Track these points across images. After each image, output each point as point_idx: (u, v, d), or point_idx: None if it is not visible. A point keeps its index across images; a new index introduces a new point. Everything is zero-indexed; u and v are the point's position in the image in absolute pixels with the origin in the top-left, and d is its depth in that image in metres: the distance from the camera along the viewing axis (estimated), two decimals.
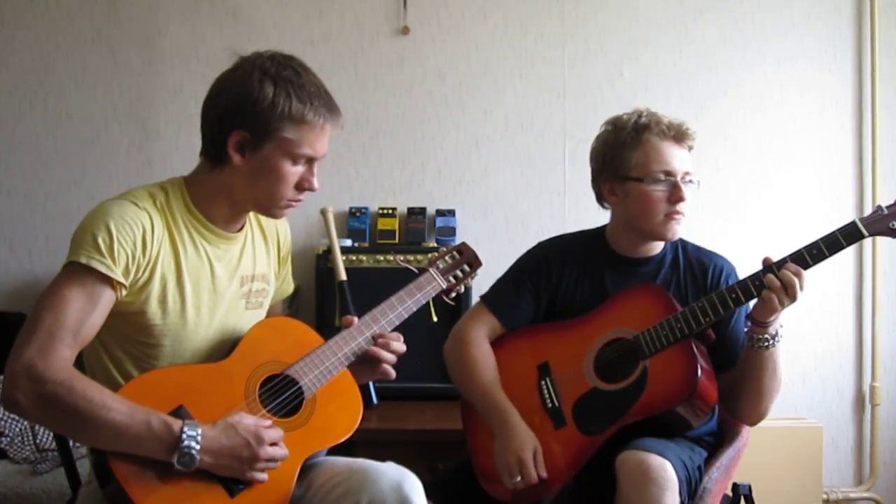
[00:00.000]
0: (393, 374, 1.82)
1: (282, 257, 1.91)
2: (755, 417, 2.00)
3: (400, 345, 1.82)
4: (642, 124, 2.01)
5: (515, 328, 2.11)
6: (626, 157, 2.01)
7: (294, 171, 1.65)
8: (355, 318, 1.81)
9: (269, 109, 1.59)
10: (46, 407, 1.47)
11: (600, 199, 2.14)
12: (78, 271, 1.53)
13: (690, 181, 2.02)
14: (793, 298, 1.82)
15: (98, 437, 1.50)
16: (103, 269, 1.53)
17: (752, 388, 1.94)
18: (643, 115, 2.03)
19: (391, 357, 1.80)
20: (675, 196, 1.98)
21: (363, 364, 1.80)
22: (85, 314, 1.52)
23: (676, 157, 2.00)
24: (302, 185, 1.67)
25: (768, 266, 1.85)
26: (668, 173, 1.99)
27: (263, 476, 1.56)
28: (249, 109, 1.60)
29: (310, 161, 1.67)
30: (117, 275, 1.54)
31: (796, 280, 1.81)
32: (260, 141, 1.61)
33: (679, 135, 2.01)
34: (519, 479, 1.88)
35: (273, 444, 1.57)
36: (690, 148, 2.04)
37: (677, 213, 1.99)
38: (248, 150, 1.62)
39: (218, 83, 1.67)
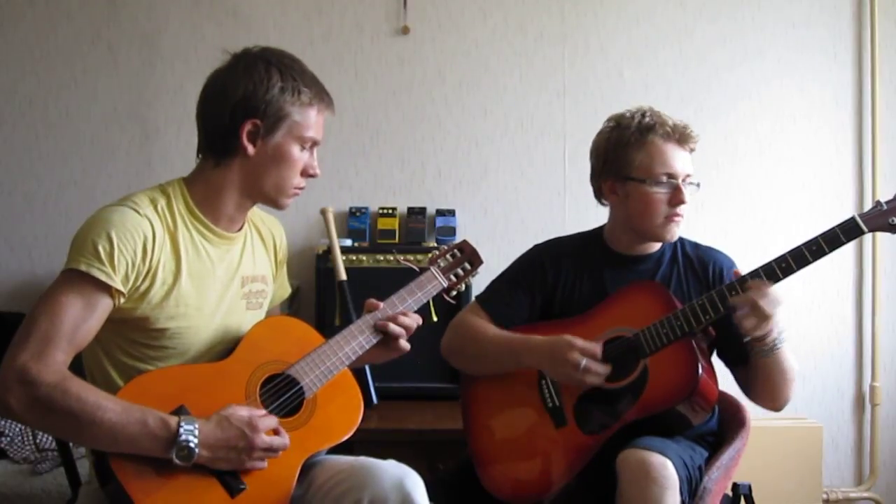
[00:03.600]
0: (407, 346, 1.83)
1: (279, 260, 1.92)
2: (777, 406, 2.01)
3: (410, 320, 1.83)
4: (647, 125, 2.01)
5: (509, 327, 2.10)
6: (630, 157, 2.01)
7: (301, 157, 1.71)
8: (379, 305, 1.83)
9: (279, 95, 1.66)
10: (40, 410, 1.47)
11: (599, 195, 2.14)
12: (77, 278, 1.54)
13: (691, 183, 2.02)
14: (764, 314, 1.79)
15: (94, 439, 1.50)
16: (103, 277, 1.53)
17: (765, 386, 1.96)
18: (647, 114, 2.03)
19: (400, 330, 1.80)
20: (676, 198, 1.99)
21: (378, 346, 1.81)
22: (81, 320, 1.53)
23: (679, 160, 2.00)
24: (306, 172, 1.74)
25: (733, 282, 1.87)
26: (671, 175, 1.99)
27: (262, 464, 1.56)
28: (261, 97, 1.65)
29: (312, 146, 1.73)
30: (116, 283, 1.55)
31: (753, 297, 1.79)
32: (272, 127, 1.66)
33: (683, 137, 2.01)
34: (584, 361, 1.85)
35: (271, 432, 1.57)
36: (692, 150, 2.05)
37: (677, 215, 2.00)
38: (260, 139, 1.67)
39: (218, 79, 1.70)
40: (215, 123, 1.68)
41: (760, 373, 1.93)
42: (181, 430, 1.49)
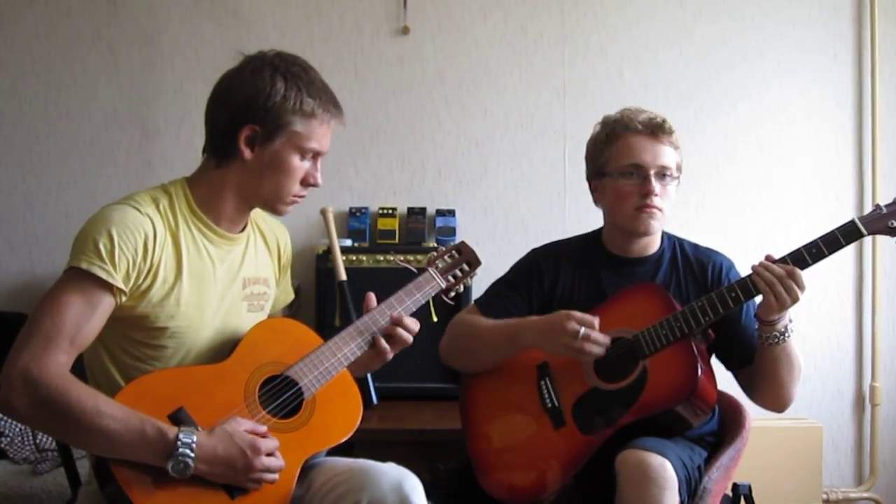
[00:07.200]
0: (391, 352, 1.81)
1: (282, 265, 1.92)
2: (780, 406, 2.01)
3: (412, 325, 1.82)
4: (619, 121, 2.05)
5: None
6: (605, 154, 2.06)
7: (301, 166, 1.69)
8: (372, 297, 1.83)
9: (280, 103, 1.64)
10: (41, 411, 1.48)
11: (593, 197, 2.15)
12: (78, 277, 1.54)
13: (668, 176, 2.01)
14: (791, 294, 1.81)
15: (93, 444, 1.51)
16: (104, 276, 1.53)
17: (771, 381, 1.95)
18: (624, 112, 2.05)
19: (408, 336, 1.80)
20: (644, 189, 2.00)
21: (369, 351, 1.80)
22: (83, 320, 1.53)
23: (648, 151, 2.01)
24: (307, 181, 1.72)
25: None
26: (638, 166, 2.01)
27: (256, 486, 1.56)
28: (262, 104, 1.64)
29: (315, 156, 1.71)
30: (117, 281, 1.55)
31: (784, 273, 1.81)
32: (271, 135, 1.65)
33: (654, 129, 2.01)
34: (583, 329, 1.84)
35: (269, 454, 1.56)
36: (672, 144, 2.03)
37: (648, 206, 2.00)
38: (258, 145, 1.66)
39: (225, 81, 1.70)
40: (217, 125, 1.69)
41: (767, 367, 1.93)
42: (179, 443, 1.48)
